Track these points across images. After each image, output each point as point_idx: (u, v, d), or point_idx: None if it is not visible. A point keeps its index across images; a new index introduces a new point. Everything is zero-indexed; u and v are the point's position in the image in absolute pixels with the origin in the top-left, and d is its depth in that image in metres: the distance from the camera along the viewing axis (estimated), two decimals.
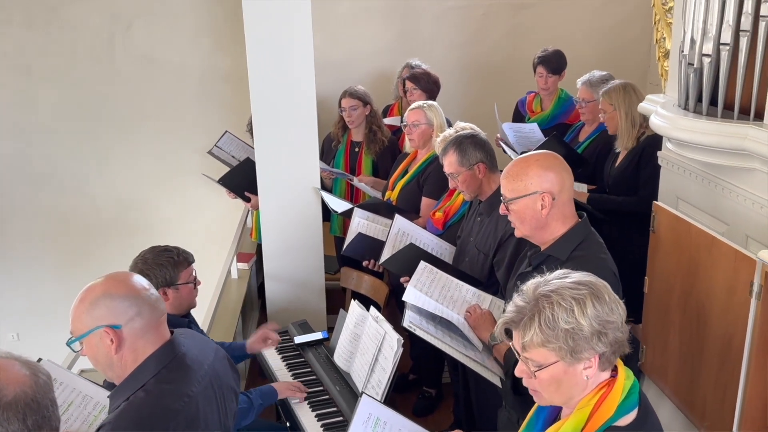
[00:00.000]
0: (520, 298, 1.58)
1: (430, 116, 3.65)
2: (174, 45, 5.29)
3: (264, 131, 3.69)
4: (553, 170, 2.19)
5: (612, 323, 1.53)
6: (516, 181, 2.19)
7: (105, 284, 1.74)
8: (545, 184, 2.16)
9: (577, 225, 2.22)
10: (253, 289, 4.63)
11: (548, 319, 1.50)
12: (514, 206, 2.20)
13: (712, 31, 2.61)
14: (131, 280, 1.78)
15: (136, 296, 1.74)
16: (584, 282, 1.56)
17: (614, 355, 1.56)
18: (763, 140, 2.44)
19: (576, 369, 1.53)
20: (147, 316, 1.74)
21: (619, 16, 5.45)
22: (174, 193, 5.44)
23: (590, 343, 1.50)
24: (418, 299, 2.51)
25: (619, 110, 3.54)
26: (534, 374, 1.56)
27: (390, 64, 5.27)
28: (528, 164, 2.20)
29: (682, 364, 2.73)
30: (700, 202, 2.98)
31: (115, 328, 1.70)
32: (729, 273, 2.39)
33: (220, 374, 1.90)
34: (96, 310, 1.70)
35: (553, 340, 1.50)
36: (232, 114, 5.24)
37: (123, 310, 1.71)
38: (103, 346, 1.71)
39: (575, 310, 1.50)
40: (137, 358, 1.73)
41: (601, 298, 1.54)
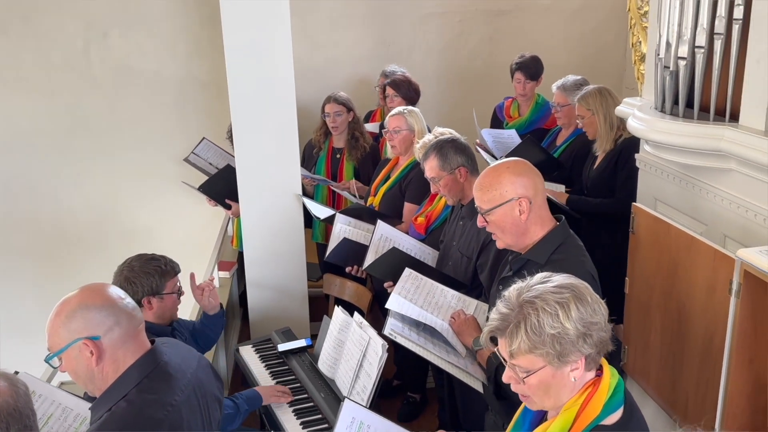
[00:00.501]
0: (503, 305, 1.58)
1: (410, 122, 3.66)
2: (150, 52, 5.24)
3: (244, 138, 3.67)
4: (525, 175, 2.21)
5: (596, 324, 1.54)
6: (491, 191, 2.20)
7: (80, 296, 1.71)
8: (520, 189, 2.17)
9: (555, 228, 2.24)
10: (234, 298, 4.59)
11: (534, 325, 1.51)
12: (492, 217, 2.21)
13: (687, 34, 2.66)
14: (106, 291, 1.76)
15: (113, 306, 1.72)
16: (566, 285, 1.57)
17: (599, 355, 1.58)
18: (739, 141, 2.49)
19: (563, 372, 1.54)
20: (125, 326, 1.72)
21: (593, 22, 5.52)
22: (152, 202, 5.39)
23: (576, 345, 1.52)
24: (401, 306, 2.51)
25: (597, 114, 3.58)
26: (522, 380, 1.56)
27: (370, 70, 5.28)
28: (499, 173, 2.22)
29: (664, 363, 2.75)
30: (678, 203, 3.02)
31: (94, 340, 1.67)
32: (708, 272, 2.42)
33: (203, 382, 1.88)
34: (73, 322, 1.68)
35: (540, 346, 1.51)
36: (211, 121, 5.21)
37: (100, 320, 1.69)
38: (82, 358, 1.69)
39: (560, 314, 1.51)
40: (118, 368, 1.71)
41: (584, 299, 1.55)
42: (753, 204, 2.52)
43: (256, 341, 3.43)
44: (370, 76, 5.27)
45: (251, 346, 3.38)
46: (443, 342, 2.41)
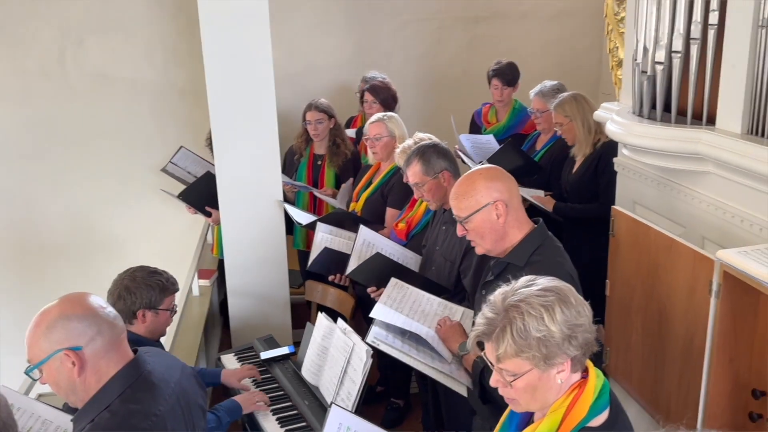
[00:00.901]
0: (489, 310, 1.59)
1: (391, 128, 3.66)
2: (127, 60, 5.19)
3: (225, 145, 3.65)
4: (499, 179, 2.23)
5: (581, 326, 1.55)
6: (466, 199, 2.22)
7: (60, 306, 1.68)
8: (494, 193, 2.19)
9: (533, 230, 2.25)
10: (214, 306, 4.56)
11: (520, 329, 1.52)
12: (471, 224, 2.22)
13: (664, 39, 2.70)
14: (87, 300, 1.73)
15: (94, 315, 1.69)
16: (550, 288, 1.58)
17: (585, 357, 1.59)
18: (716, 144, 2.53)
19: (550, 374, 1.55)
20: (107, 335, 1.69)
21: (569, 28, 5.59)
22: (130, 211, 5.32)
23: (562, 348, 1.53)
24: (386, 315, 2.51)
25: (575, 120, 3.63)
26: (510, 384, 1.57)
27: (349, 76, 5.29)
28: (473, 180, 2.24)
29: (646, 364, 2.78)
30: (656, 205, 3.06)
31: (75, 350, 1.65)
32: (688, 273, 2.45)
33: (187, 392, 1.86)
34: (53, 333, 1.65)
35: (527, 350, 1.52)
36: (189, 129, 5.17)
37: (82, 330, 1.66)
38: (64, 370, 1.66)
39: (545, 317, 1.52)
40: (101, 379, 1.68)
41: (568, 302, 1.56)
42: (730, 206, 2.56)
43: (238, 349, 3.40)
44: (350, 82, 5.27)
45: (233, 355, 3.35)
46: (428, 348, 2.41)
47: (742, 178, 2.47)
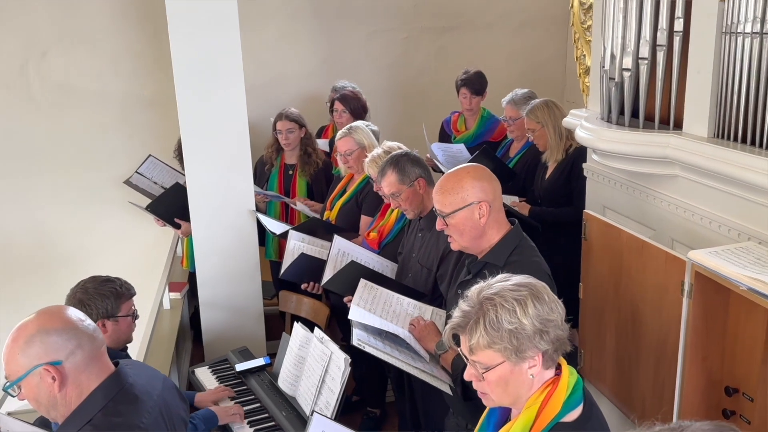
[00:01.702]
0: (465, 304, 1.63)
1: (359, 139, 3.66)
2: (92, 71, 5.11)
3: (195, 155, 3.61)
4: (485, 180, 2.27)
5: (552, 321, 1.59)
6: (452, 195, 2.24)
7: (38, 320, 1.65)
8: (480, 193, 2.23)
9: (510, 231, 2.30)
10: (185, 320, 4.48)
11: (492, 320, 1.56)
12: (452, 220, 2.25)
13: (631, 46, 2.77)
14: (65, 313, 1.69)
15: (73, 328, 1.66)
16: (524, 284, 1.63)
17: (557, 353, 1.63)
18: (683, 147, 2.59)
19: (522, 368, 1.58)
20: (87, 348, 1.65)
21: (534, 39, 5.69)
22: (97, 224, 5.22)
23: (533, 341, 1.56)
24: (363, 317, 2.51)
25: (546, 127, 3.69)
26: (482, 376, 1.60)
27: (318, 86, 5.29)
28: (461, 177, 2.26)
29: (620, 365, 2.82)
30: (626, 209, 3.12)
31: (55, 365, 1.61)
32: (660, 274, 2.50)
33: (169, 404, 1.83)
34: (32, 348, 1.61)
35: (498, 341, 1.55)
36: (157, 140, 5.10)
37: (61, 344, 1.63)
38: (44, 385, 1.62)
39: (517, 310, 1.56)
40: (82, 393, 1.64)
41: (541, 298, 1.60)
42: (698, 208, 2.63)
43: (212, 362, 3.35)
44: (319, 92, 5.28)
45: (207, 368, 3.31)
46: (408, 349, 2.42)
47: (709, 181, 2.53)
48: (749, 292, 1.99)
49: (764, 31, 2.25)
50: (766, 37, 2.25)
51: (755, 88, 2.33)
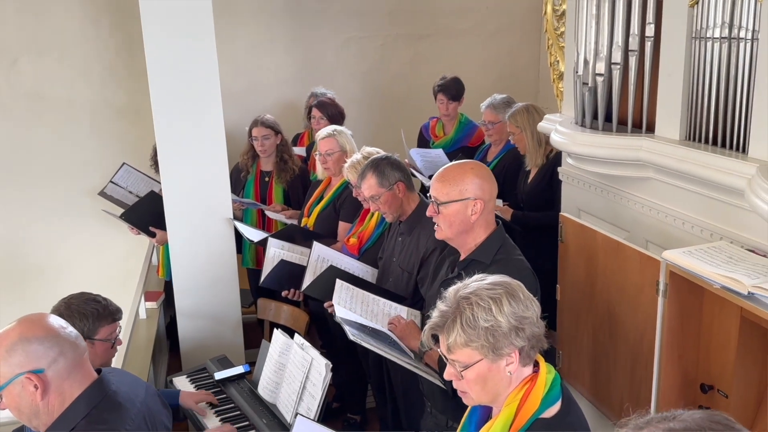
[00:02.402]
0: (442, 304, 1.66)
1: (341, 142, 3.67)
2: (63, 79, 5.04)
3: (171, 163, 3.57)
4: (486, 179, 2.31)
5: (527, 318, 1.62)
6: (452, 186, 2.27)
7: (19, 328, 1.62)
8: (478, 191, 2.26)
9: (496, 231, 2.34)
10: (161, 330, 4.44)
11: (469, 319, 1.59)
12: (446, 209, 2.28)
13: (604, 51, 2.82)
14: (46, 321, 1.67)
15: (55, 336, 1.64)
16: (499, 282, 1.66)
17: (533, 350, 1.65)
18: (656, 150, 2.65)
19: (499, 366, 1.61)
20: (70, 356, 1.64)
21: (508, 45, 5.76)
22: (69, 234, 5.14)
23: (509, 338, 1.59)
24: (347, 314, 2.52)
25: (525, 131, 3.74)
26: (461, 374, 1.62)
27: (294, 93, 5.29)
28: (464, 170, 2.30)
29: (598, 364, 2.86)
30: (601, 212, 3.17)
31: (37, 373, 1.59)
32: (636, 275, 2.54)
33: (152, 411, 1.81)
34: (13, 356, 1.59)
35: (475, 339, 1.58)
36: (130, 149, 5.06)
37: (43, 352, 1.60)
38: (26, 394, 1.60)
39: (493, 308, 1.59)
40: (64, 401, 1.62)
41: (516, 296, 1.63)
42: (671, 209, 2.68)
43: (190, 371, 3.31)
44: (295, 99, 5.28)
45: (186, 377, 3.26)
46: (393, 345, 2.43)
47: (681, 182, 2.59)
48: (722, 291, 2.04)
49: (732, 35, 2.31)
50: (734, 42, 2.32)
51: (724, 91, 2.39)
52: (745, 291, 1.95)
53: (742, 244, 2.29)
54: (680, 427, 1.01)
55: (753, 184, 2.10)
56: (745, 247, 2.26)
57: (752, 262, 2.13)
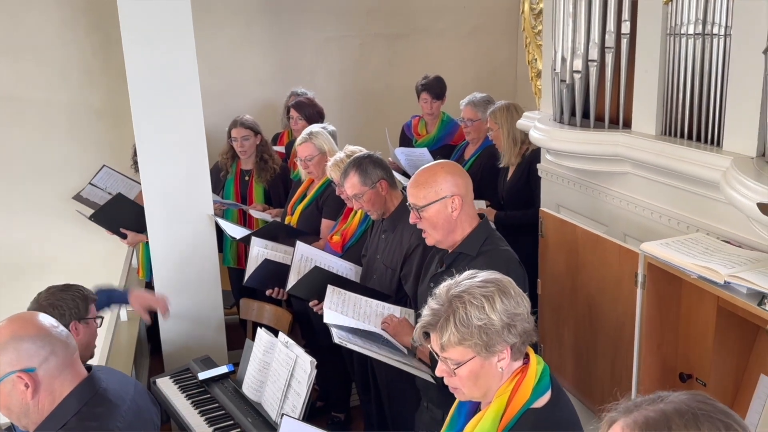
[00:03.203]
0: (434, 302, 1.67)
1: (319, 145, 3.68)
2: (40, 82, 4.99)
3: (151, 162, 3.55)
4: (458, 175, 2.34)
5: (519, 315, 1.65)
6: (426, 188, 2.29)
7: (10, 327, 1.62)
8: (453, 187, 2.29)
9: (480, 224, 2.36)
10: (143, 332, 4.41)
11: (462, 318, 1.60)
12: (426, 213, 2.30)
13: (581, 49, 2.87)
14: (38, 320, 1.67)
15: (47, 335, 1.63)
16: (491, 280, 1.68)
17: (524, 345, 1.68)
18: (633, 145, 2.70)
19: (491, 362, 1.63)
20: (61, 355, 1.63)
21: (486, 45, 5.81)
22: (48, 237, 5.08)
23: (502, 335, 1.61)
24: (337, 319, 2.53)
25: (501, 129, 3.78)
26: (454, 372, 1.64)
27: (273, 93, 5.29)
28: (434, 171, 2.32)
29: (578, 357, 2.90)
30: (579, 207, 3.22)
31: (28, 372, 1.58)
32: (615, 267, 2.59)
33: (142, 409, 1.82)
34: (4, 355, 1.58)
35: (469, 338, 1.60)
36: (108, 150, 5.02)
37: (35, 351, 1.60)
38: (16, 392, 1.59)
39: (486, 306, 1.61)
40: (55, 399, 1.62)
41: (508, 293, 1.65)
42: (649, 203, 2.74)
43: (173, 372, 3.30)
44: (274, 99, 5.28)
45: (169, 377, 3.25)
46: (385, 344, 2.46)
47: (658, 176, 2.64)
48: (699, 281, 2.09)
49: (705, 32, 2.37)
50: (707, 38, 2.37)
51: (699, 86, 2.44)
52: (721, 280, 2.00)
53: (717, 236, 2.34)
54: (671, 408, 1.05)
55: (728, 176, 2.16)
56: (721, 239, 2.31)
57: (728, 252, 2.18)
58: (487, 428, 1.62)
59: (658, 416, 1.04)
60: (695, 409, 1.04)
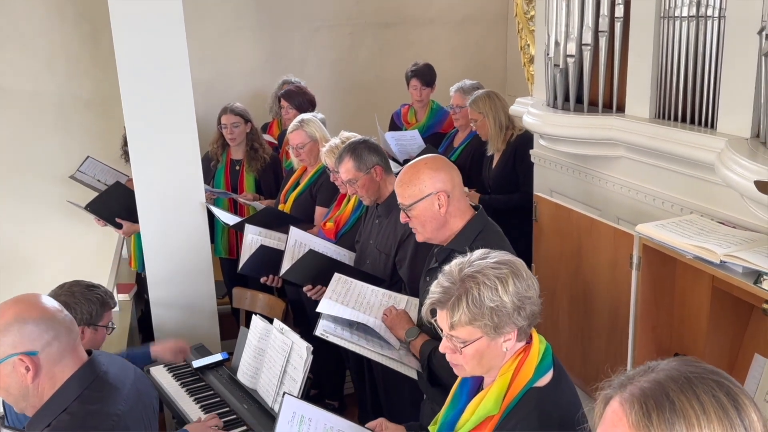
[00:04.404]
0: (445, 279, 1.66)
1: (311, 132, 3.66)
2: (26, 71, 4.92)
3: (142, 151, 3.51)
4: (443, 170, 2.29)
5: (529, 298, 1.66)
6: (411, 187, 2.27)
7: (15, 308, 1.59)
8: (438, 184, 2.25)
9: (474, 218, 2.32)
10: (134, 322, 4.38)
11: (475, 298, 1.60)
12: (413, 211, 2.27)
13: (574, 33, 2.87)
14: (44, 303, 1.65)
15: (51, 319, 1.61)
16: (504, 261, 1.68)
17: (530, 327, 1.70)
18: (627, 128, 2.71)
19: (497, 342, 1.64)
20: (64, 340, 1.62)
21: (476, 34, 5.81)
22: (36, 228, 5.03)
23: (512, 318, 1.62)
24: (333, 309, 2.52)
25: (487, 117, 3.79)
26: (460, 350, 1.64)
27: (262, 83, 5.26)
28: (418, 169, 2.29)
29: (574, 340, 2.92)
30: (572, 192, 3.24)
31: (30, 355, 1.56)
32: (610, 250, 2.60)
33: (142, 393, 1.80)
34: (7, 337, 1.56)
35: (480, 318, 1.60)
36: (96, 140, 4.97)
37: (38, 334, 1.58)
38: (16, 375, 1.57)
39: (499, 288, 1.61)
40: (55, 384, 1.60)
41: (520, 275, 1.66)
42: (642, 186, 2.75)
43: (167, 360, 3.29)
44: (263, 89, 5.24)
45: (163, 366, 3.22)
46: (377, 338, 2.45)
47: (652, 160, 2.66)
48: (695, 261, 2.10)
49: (699, 14, 2.38)
50: (701, 20, 2.38)
51: (693, 69, 2.46)
52: (717, 260, 2.02)
53: (711, 217, 2.36)
54: (663, 376, 1.06)
55: (723, 156, 2.17)
56: (715, 220, 2.33)
57: (723, 233, 2.20)
58: (490, 407, 1.63)
59: (654, 386, 1.05)
60: (687, 373, 1.06)
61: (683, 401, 1.01)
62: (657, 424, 1.01)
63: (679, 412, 1.00)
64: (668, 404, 1.01)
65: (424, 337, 2.32)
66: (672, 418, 1.00)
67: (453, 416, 1.76)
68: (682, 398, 1.02)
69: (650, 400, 1.03)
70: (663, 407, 1.01)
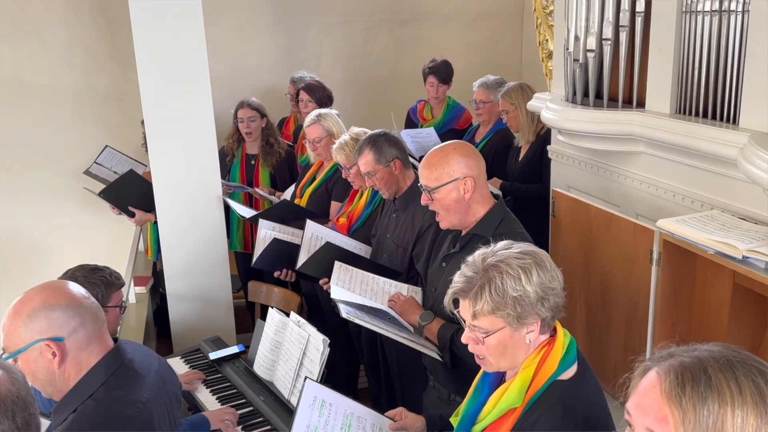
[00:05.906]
0: (469, 269, 1.66)
1: (328, 127, 3.67)
2: (45, 65, 4.99)
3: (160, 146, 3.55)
4: (471, 156, 2.30)
5: (553, 289, 1.65)
6: (438, 170, 2.27)
7: (42, 294, 1.61)
8: (465, 169, 2.26)
9: (496, 205, 2.34)
10: (150, 314, 4.40)
11: (498, 287, 1.59)
12: (437, 194, 2.27)
13: (594, 27, 2.86)
14: (70, 289, 1.66)
15: (78, 306, 1.63)
16: (528, 251, 1.67)
17: (553, 320, 1.68)
18: (648, 124, 2.70)
19: (520, 333, 1.63)
20: (90, 327, 1.63)
21: (490, 30, 5.80)
22: (54, 220, 5.09)
23: (535, 308, 1.61)
24: (344, 295, 2.53)
25: (519, 108, 3.79)
26: (482, 340, 1.64)
27: (277, 78, 5.28)
28: (447, 152, 2.29)
29: (591, 336, 2.91)
30: (590, 188, 3.22)
31: (57, 341, 1.58)
32: (629, 245, 2.59)
33: (166, 381, 1.82)
34: (35, 322, 1.58)
35: (503, 308, 1.60)
36: (113, 134, 5.02)
37: (65, 321, 1.60)
38: (43, 360, 1.59)
39: (522, 278, 1.60)
40: (81, 370, 1.62)
41: (544, 266, 1.65)
42: (662, 182, 2.74)
43: (184, 352, 3.30)
44: (278, 84, 5.26)
45: (180, 357, 3.25)
46: (392, 322, 2.45)
47: (672, 155, 2.64)
48: (717, 256, 2.09)
49: (723, 8, 2.36)
50: (724, 15, 2.36)
51: (715, 64, 2.44)
52: (739, 255, 2.00)
53: (733, 213, 2.35)
54: (706, 354, 1.07)
55: (746, 151, 2.16)
56: (737, 216, 2.32)
57: (745, 228, 2.19)
58: (513, 399, 1.63)
59: (694, 361, 1.06)
60: (729, 356, 1.07)
61: (720, 379, 1.02)
62: (690, 396, 1.01)
63: (714, 387, 1.01)
64: (704, 379, 1.02)
65: (440, 321, 2.31)
66: (706, 392, 1.00)
67: (475, 408, 1.76)
68: (720, 376, 1.02)
69: (687, 373, 1.04)
70: (699, 381, 1.02)
